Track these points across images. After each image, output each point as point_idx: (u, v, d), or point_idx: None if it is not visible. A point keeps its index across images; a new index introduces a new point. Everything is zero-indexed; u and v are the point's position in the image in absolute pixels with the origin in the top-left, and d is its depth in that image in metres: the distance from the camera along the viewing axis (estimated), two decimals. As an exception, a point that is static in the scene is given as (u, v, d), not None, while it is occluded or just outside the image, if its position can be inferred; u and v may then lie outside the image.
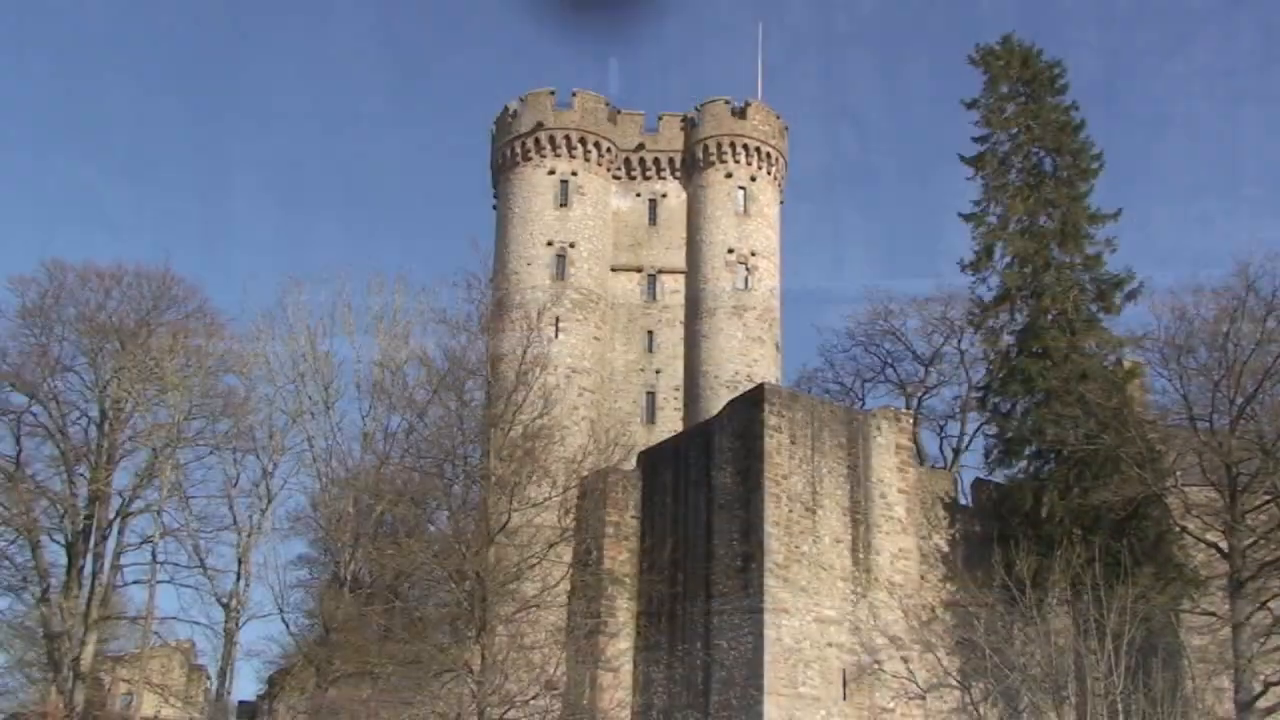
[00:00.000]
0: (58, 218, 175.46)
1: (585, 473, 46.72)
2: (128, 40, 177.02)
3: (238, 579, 54.52)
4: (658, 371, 65.89)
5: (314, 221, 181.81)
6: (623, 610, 44.00)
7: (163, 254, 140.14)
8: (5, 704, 66.55)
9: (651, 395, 65.52)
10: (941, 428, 67.96)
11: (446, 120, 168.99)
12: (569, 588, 44.37)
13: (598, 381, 64.09)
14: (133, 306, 59.61)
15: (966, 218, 55.01)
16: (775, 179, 70.76)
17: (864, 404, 66.11)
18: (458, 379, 51.03)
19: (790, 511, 40.68)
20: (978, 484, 54.50)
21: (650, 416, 64.91)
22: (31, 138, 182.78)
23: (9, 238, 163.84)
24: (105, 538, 57.82)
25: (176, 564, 57.01)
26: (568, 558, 45.04)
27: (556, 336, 61.84)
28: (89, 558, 57.54)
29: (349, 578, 50.66)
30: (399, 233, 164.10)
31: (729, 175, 68.52)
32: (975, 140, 55.77)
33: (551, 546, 44.27)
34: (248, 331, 58.60)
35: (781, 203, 72.06)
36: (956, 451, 65.51)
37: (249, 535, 54.65)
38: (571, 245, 66.51)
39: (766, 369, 65.22)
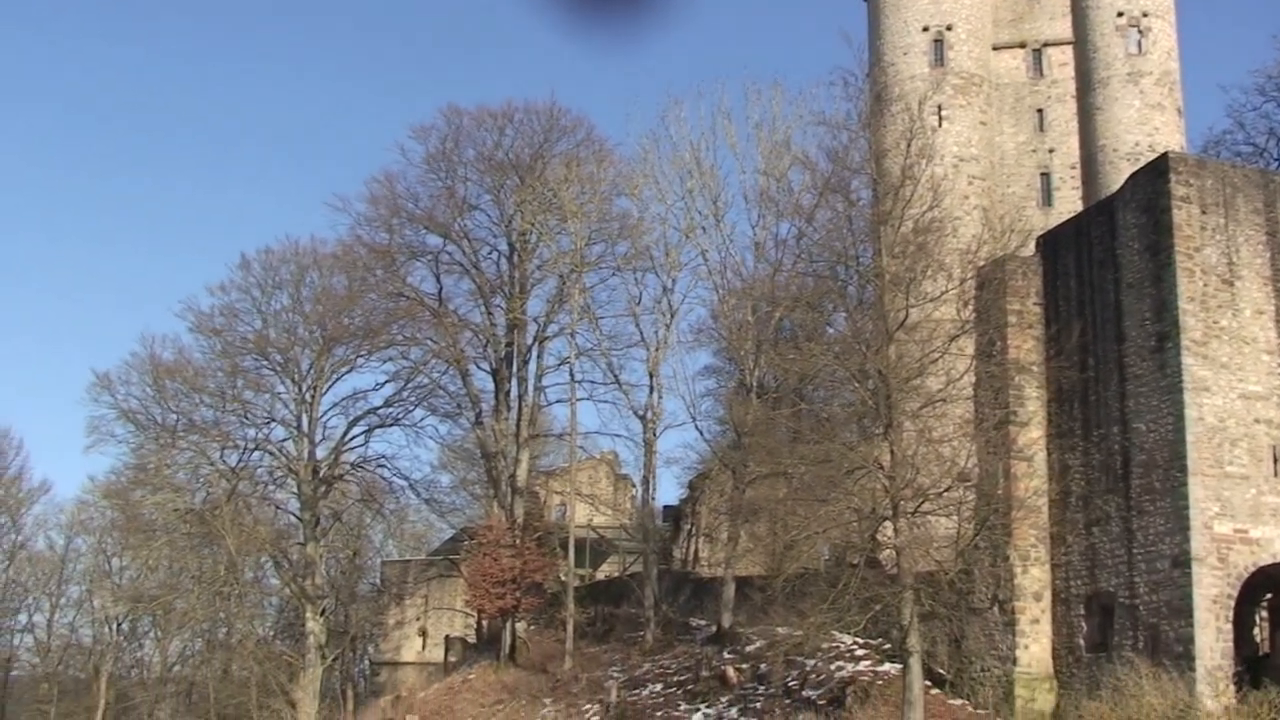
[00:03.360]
0: (455, 65, 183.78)
1: (982, 263, 45.63)
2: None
3: (650, 392, 56.92)
4: (1050, 151, 63.24)
5: (683, 39, 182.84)
6: (1031, 399, 43.06)
7: (547, 90, 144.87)
8: (454, 520, 72.81)
9: (1046, 176, 63.09)
10: (1373, 180, 62.33)
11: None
12: (974, 380, 43.75)
13: (987, 168, 62.19)
14: (526, 141, 62.20)
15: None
16: (1164, -73, 65.45)
17: (1281, 164, 61.47)
18: (842, 180, 50.62)
19: (1205, 285, 38.52)
20: None
21: (1046, 199, 62.63)
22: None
23: (414, 93, 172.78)
24: (526, 362, 61.69)
25: (593, 382, 60.32)
26: (970, 350, 44.34)
27: (940, 125, 60.25)
28: (513, 382, 61.56)
29: (755, 384, 51.98)
30: (772, 37, 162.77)
31: (1112, -70, 63.89)
32: None
33: (953, 340, 43.67)
34: (634, 154, 60.05)
35: (1173, -47, 66.73)
36: (1392, 204, 60.16)
37: (657, 350, 56.71)
38: (948, 28, 64.11)
39: (1169, 137, 61.48)
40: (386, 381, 69.21)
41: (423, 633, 73.06)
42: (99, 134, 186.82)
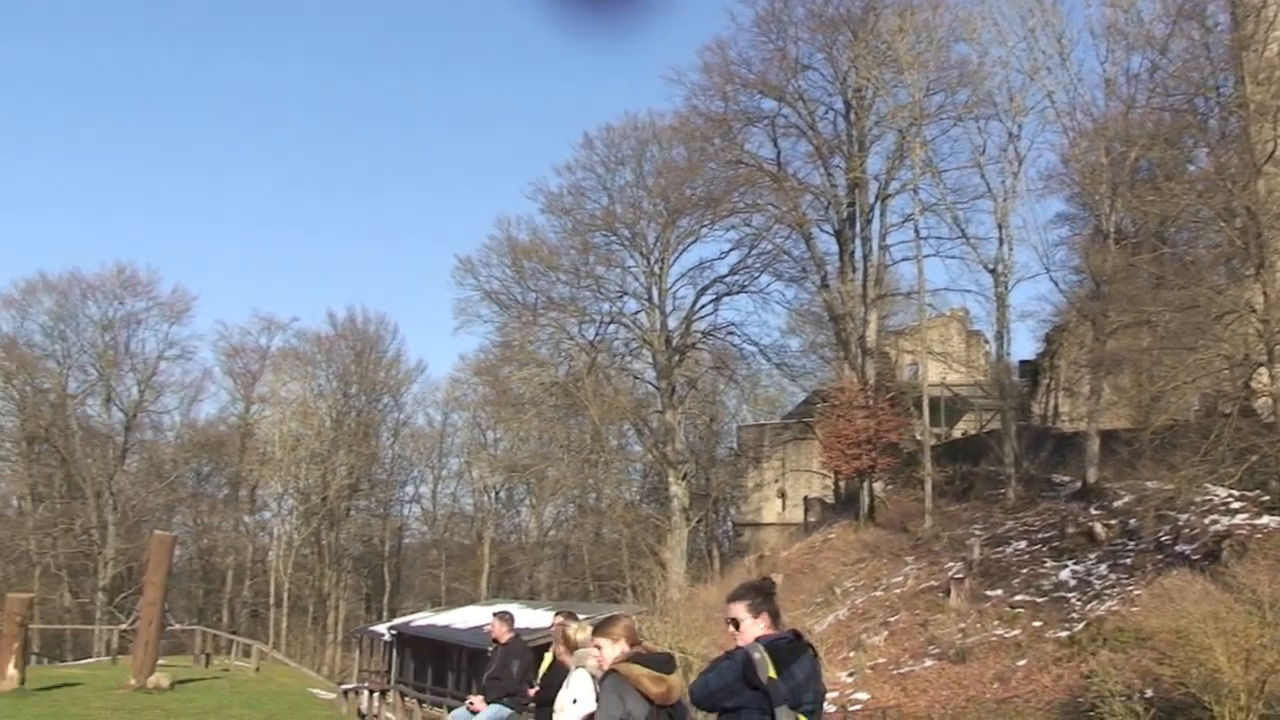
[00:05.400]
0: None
1: (1358, 83, 42.02)
2: None
3: (1000, 244, 55.34)
4: None
5: None
6: None
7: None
8: (806, 383, 73.50)
9: None
10: None
11: None
12: (1354, 211, 40.52)
13: (1360, -23, 56.76)
14: (856, -7, 60.63)
15: None
16: None
17: None
18: (1197, 5, 47.41)
19: None
20: None
21: None
22: None
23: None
24: (869, 222, 60.99)
25: (939, 237, 59.13)
26: (1349, 178, 41.11)
27: (1306, -65, 55.26)
28: (857, 242, 61.04)
29: (1112, 229, 49.80)
30: None
31: None
32: None
33: (1328, 166, 40.60)
34: (971, -4, 57.68)
35: None
36: None
37: (1005, 200, 54.99)
38: None
39: None
40: (731, 249, 70.43)
41: (781, 494, 74.39)
42: (445, 36, 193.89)
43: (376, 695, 36.63)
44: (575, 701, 8.78)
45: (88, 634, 68.02)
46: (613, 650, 7.89)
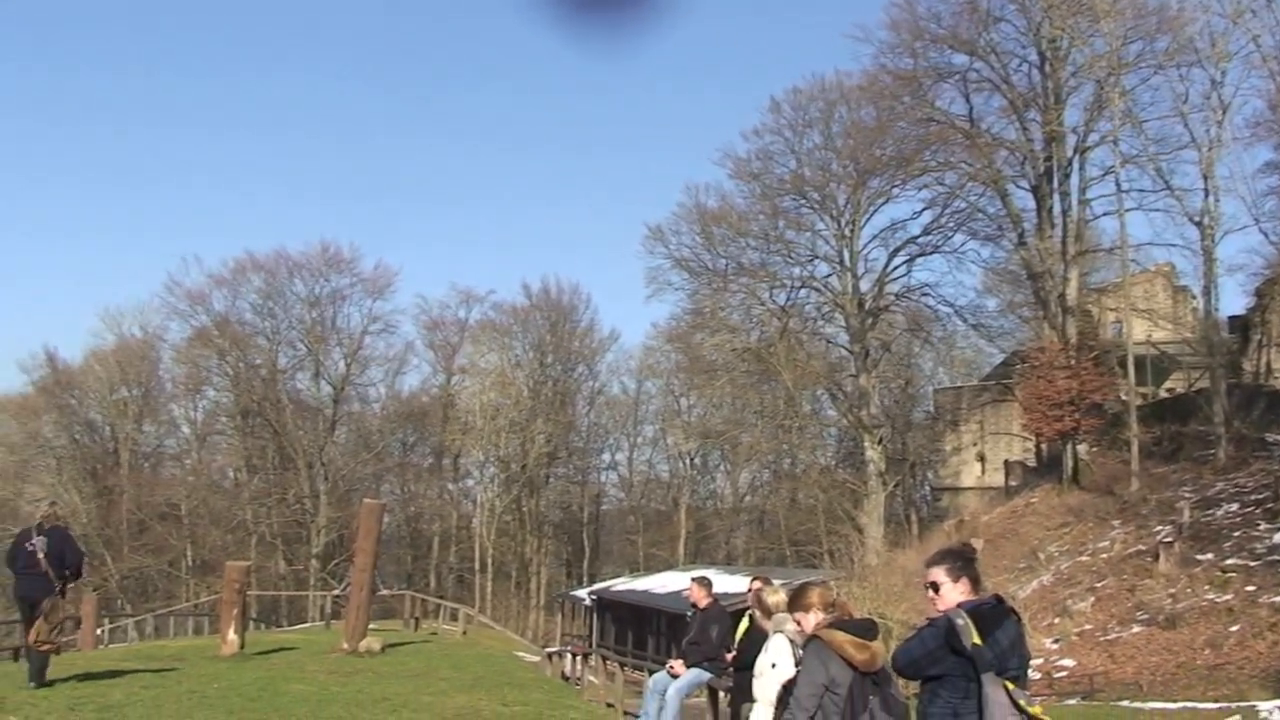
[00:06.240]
0: None
1: None
2: None
3: (1206, 195, 53.29)
4: None
5: None
6: None
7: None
8: (1004, 344, 72.05)
9: None
10: None
11: None
12: None
13: None
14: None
15: None
16: None
17: None
18: None
19: None
20: None
21: None
22: None
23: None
24: (1067, 176, 59.28)
25: (1141, 190, 57.10)
26: None
27: None
28: (1055, 197, 59.44)
29: (1326, 176, 47.56)
30: None
31: None
32: None
33: None
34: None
35: None
36: None
37: (1210, 149, 52.89)
38: None
39: None
40: (924, 209, 69.42)
41: (980, 458, 73.11)
42: None
43: (579, 659, 37.28)
44: (774, 666, 8.83)
45: (302, 600, 70.51)
46: (810, 620, 7.88)
